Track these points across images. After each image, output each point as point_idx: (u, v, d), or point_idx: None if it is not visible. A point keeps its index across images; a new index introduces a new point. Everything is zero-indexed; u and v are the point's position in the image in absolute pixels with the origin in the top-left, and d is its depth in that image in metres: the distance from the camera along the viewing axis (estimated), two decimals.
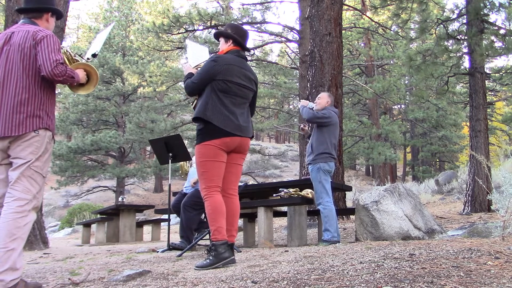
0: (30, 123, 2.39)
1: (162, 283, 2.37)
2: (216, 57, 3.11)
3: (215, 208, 2.92)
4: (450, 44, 8.69)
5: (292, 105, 36.66)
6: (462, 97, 19.83)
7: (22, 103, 2.40)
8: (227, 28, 3.27)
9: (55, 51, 2.43)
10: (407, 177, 28.79)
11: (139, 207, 9.36)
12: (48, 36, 2.46)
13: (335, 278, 2.05)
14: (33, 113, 2.41)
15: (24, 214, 2.31)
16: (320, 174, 4.35)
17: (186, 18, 13.06)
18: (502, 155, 14.04)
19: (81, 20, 43.08)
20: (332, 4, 7.39)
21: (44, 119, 2.45)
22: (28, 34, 2.46)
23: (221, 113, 2.97)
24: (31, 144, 2.39)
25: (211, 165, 2.97)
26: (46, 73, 2.39)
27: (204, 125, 2.98)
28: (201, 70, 3.10)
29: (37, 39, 2.44)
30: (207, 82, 3.03)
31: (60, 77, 2.42)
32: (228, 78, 3.03)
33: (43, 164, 2.44)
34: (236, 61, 3.12)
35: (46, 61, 2.39)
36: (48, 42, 2.44)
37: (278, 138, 48.40)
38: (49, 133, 2.49)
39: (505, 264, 2.16)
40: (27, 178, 2.36)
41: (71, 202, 23.90)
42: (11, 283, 2.20)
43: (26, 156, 2.38)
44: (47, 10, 2.65)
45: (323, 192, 4.30)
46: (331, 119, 4.46)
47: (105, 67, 21.19)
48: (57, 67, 2.39)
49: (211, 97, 2.99)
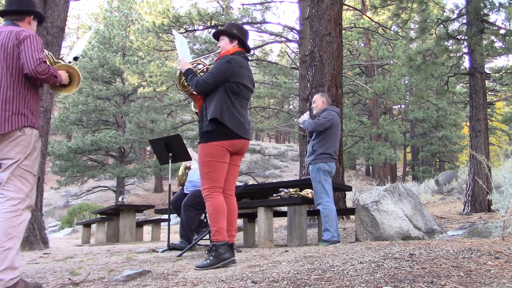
0: (16, 121, 2.40)
1: (162, 283, 2.37)
2: (230, 58, 3.05)
3: (217, 209, 2.92)
4: (450, 44, 8.68)
5: (292, 105, 36.69)
6: (462, 97, 19.84)
7: (7, 101, 2.41)
8: (231, 28, 3.22)
9: (38, 50, 2.45)
10: (407, 177, 28.79)
11: (139, 207, 9.36)
12: (31, 35, 2.49)
13: (335, 278, 2.05)
14: (18, 111, 2.42)
15: (18, 213, 2.32)
16: (320, 174, 4.33)
17: (186, 18, 13.07)
18: (502, 155, 14.04)
19: (81, 20, 43.11)
20: (332, 4, 7.39)
21: (29, 117, 2.46)
22: (11, 34, 2.48)
23: (234, 116, 2.98)
24: (18, 143, 2.40)
25: (217, 166, 2.95)
26: (29, 71, 2.40)
27: (216, 126, 2.96)
28: (215, 70, 3.03)
29: (20, 38, 2.46)
30: (220, 83, 3.00)
31: (43, 75, 2.43)
32: (240, 80, 3.03)
33: (33, 162, 2.45)
34: (245, 64, 3.13)
35: (29, 59, 2.41)
36: (31, 41, 2.46)
37: (278, 138, 48.40)
38: (35, 131, 2.50)
39: (505, 264, 2.16)
40: (18, 177, 2.37)
41: (71, 202, 23.91)
42: (10, 282, 2.21)
43: (15, 155, 2.39)
44: (29, 12, 2.68)
45: (322, 192, 4.29)
46: (333, 120, 4.43)
47: (105, 67, 21.19)
48: (40, 65, 2.41)
49: (224, 99, 2.97)
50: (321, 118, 4.44)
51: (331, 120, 4.41)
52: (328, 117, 4.41)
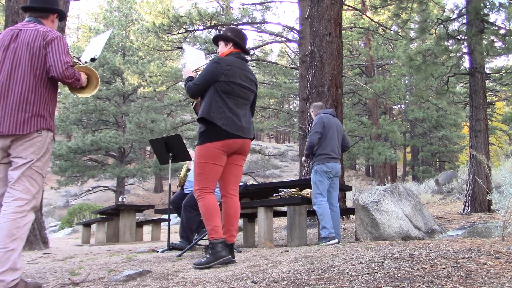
0: (35, 122, 2.39)
1: (162, 283, 2.37)
2: (218, 58, 3.11)
3: (208, 208, 2.95)
4: (450, 44, 8.69)
5: (292, 105, 36.68)
6: (462, 97, 19.83)
7: (28, 102, 2.39)
8: (227, 32, 3.30)
9: (66, 53, 2.43)
10: (407, 177, 28.79)
11: (139, 207, 9.36)
12: (58, 37, 2.46)
13: (335, 278, 2.05)
14: (38, 113, 2.41)
15: (24, 214, 2.31)
16: (316, 176, 4.44)
17: (186, 18, 13.06)
18: (503, 155, 14.04)
19: (81, 20, 43.12)
20: (332, 4, 7.39)
21: (47, 119, 2.45)
22: (38, 33, 2.45)
23: (225, 114, 2.97)
24: (33, 144, 2.39)
25: (209, 168, 2.97)
26: (57, 74, 2.39)
27: (206, 126, 2.98)
28: (204, 71, 3.09)
29: (48, 39, 2.43)
30: (209, 83, 3.03)
31: (70, 79, 2.43)
32: (231, 79, 3.03)
33: (44, 164, 2.44)
34: (237, 63, 3.13)
35: (58, 63, 2.39)
36: (59, 44, 2.44)
37: (278, 138, 48.40)
38: (50, 133, 2.49)
39: (505, 264, 2.16)
40: (28, 178, 2.36)
41: (71, 202, 23.92)
42: (11, 283, 2.20)
43: (28, 156, 2.37)
44: (53, 11, 2.65)
45: (317, 193, 4.40)
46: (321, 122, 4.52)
47: (105, 67, 21.20)
48: (67, 69, 2.40)
49: (214, 99, 3.00)
50: (312, 131, 4.57)
51: (319, 124, 4.52)
52: (315, 124, 4.55)
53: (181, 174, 5.22)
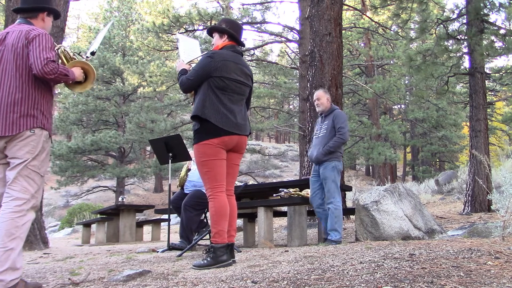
0: (24, 122, 2.39)
1: (162, 283, 2.37)
2: (212, 53, 3.03)
3: (219, 211, 2.89)
4: (450, 44, 8.69)
5: (292, 105, 36.67)
6: (462, 97, 19.82)
7: (15, 103, 2.39)
8: (222, 23, 3.21)
9: (47, 49, 2.42)
10: (407, 177, 28.78)
11: (139, 207, 9.36)
12: (40, 34, 2.45)
13: (335, 278, 2.05)
14: (27, 113, 2.40)
15: (23, 214, 2.31)
16: (335, 173, 4.23)
17: (186, 18, 13.06)
18: (503, 155, 14.04)
19: (81, 20, 43.15)
20: (332, 4, 7.39)
21: (38, 118, 2.44)
22: (21, 33, 2.45)
23: (219, 112, 2.91)
24: (28, 143, 2.39)
25: (213, 164, 2.92)
26: (37, 71, 2.38)
27: (201, 124, 2.92)
28: (197, 66, 3.02)
29: (30, 38, 2.43)
30: (203, 79, 2.96)
31: (51, 75, 2.40)
32: (225, 74, 2.96)
33: (41, 163, 2.44)
34: (232, 57, 3.05)
35: (37, 59, 2.38)
36: (40, 41, 2.43)
37: (278, 138, 48.39)
38: (45, 132, 2.48)
39: (505, 264, 2.16)
40: (25, 177, 2.36)
41: (71, 202, 23.92)
42: (11, 283, 2.20)
43: (23, 155, 2.37)
44: (42, 9, 2.64)
45: (335, 192, 4.20)
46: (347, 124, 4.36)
47: (105, 67, 21.19)
48: (47, 64, 2.37)
49: (208, 95, 2.93)
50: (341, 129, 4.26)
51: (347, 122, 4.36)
52: (345, 120, 4.32)
53: (181, 174, 5.22)
